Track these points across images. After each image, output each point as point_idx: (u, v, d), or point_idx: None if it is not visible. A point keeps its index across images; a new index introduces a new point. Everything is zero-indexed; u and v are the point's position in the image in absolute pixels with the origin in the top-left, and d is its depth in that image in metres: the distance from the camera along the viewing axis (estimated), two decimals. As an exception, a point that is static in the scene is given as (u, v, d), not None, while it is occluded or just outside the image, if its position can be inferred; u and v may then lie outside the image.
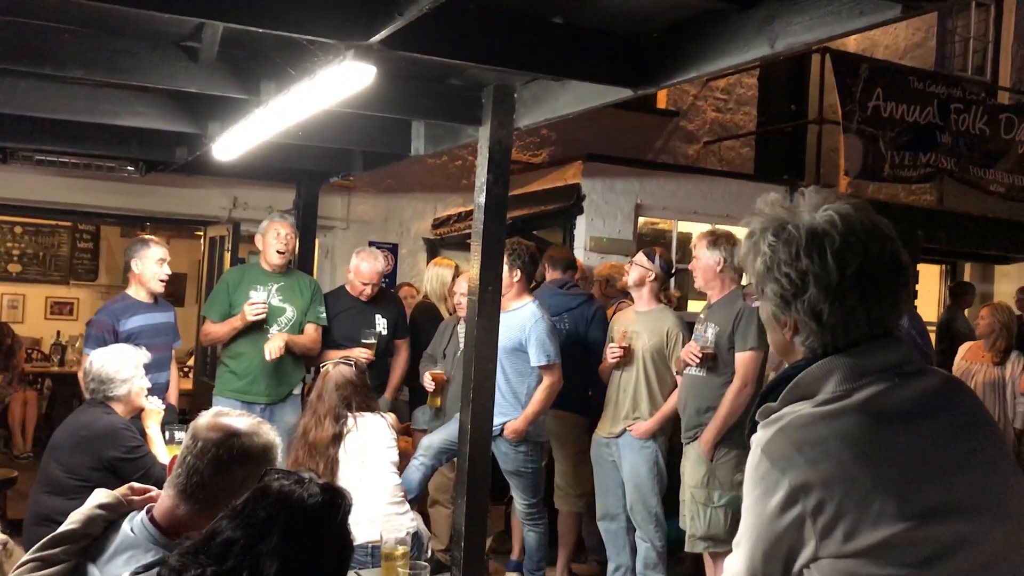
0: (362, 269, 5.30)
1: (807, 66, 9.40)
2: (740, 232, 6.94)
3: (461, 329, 5.23)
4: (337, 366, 4.12)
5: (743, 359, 4.22)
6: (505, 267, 4.39)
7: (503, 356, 4.36)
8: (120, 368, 3.70)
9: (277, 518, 1.53)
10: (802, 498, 1.36)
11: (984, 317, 6.24)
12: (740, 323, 4.24)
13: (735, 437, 4.24)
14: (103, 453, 3.46)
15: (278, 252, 5.20)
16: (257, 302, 4.99)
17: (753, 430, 1.49)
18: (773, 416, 1.46)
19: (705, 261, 4.38)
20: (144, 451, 3.60)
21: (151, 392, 3.96)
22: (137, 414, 3.88)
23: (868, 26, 2.75)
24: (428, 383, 5.12)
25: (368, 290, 5.31)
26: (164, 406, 4.07)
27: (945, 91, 8.29)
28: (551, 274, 5.46)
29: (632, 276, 4.76)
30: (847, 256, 1.44)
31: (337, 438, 3.90)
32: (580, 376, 5.03)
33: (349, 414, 3.97)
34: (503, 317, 4.17)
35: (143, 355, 3.88)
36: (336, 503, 1.60)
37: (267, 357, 4.93)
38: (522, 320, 4.59)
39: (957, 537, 1.37)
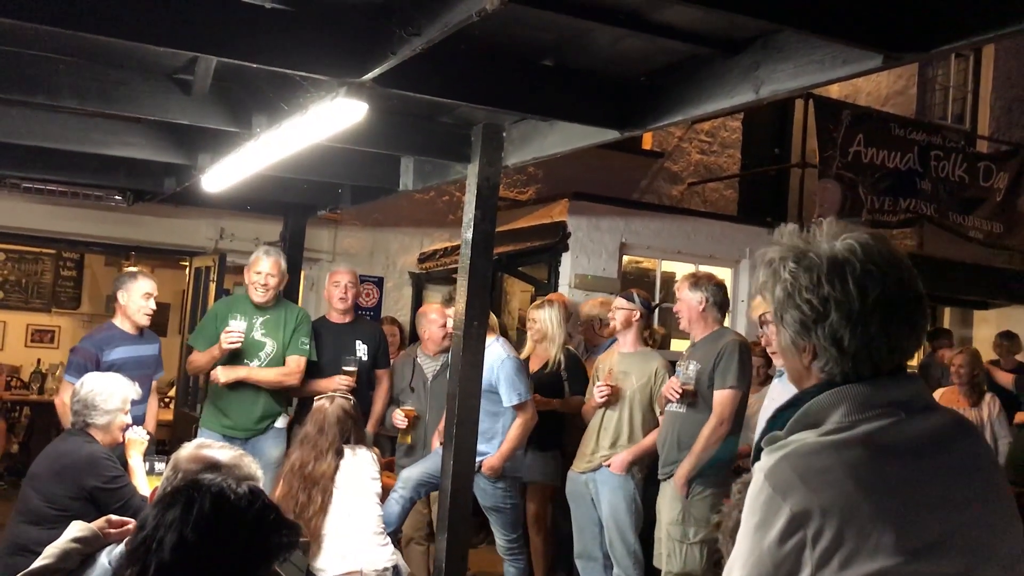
0: (337, 279, 5.37)
1: (791, 111, 9.53)
2: (723, 273, 6.96)
3: (421, 360, 5.37)
4: (335, 400, 4.11)
5: (721, 397, 4.26)
6: None
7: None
8: (108, 397, 3.67)
9: (183, 491, 1.64)
10: (803, 525, 1.35)
11: (960, 364, 6.32)
12: (721, 361, 4.28)
13: (711, 474, 4.25)
14: (83, 482, 3.42)
15: (259, 287, 5.08)
16: (233, 330, 4.89)
17: (757, 457, 1.49)
18: (778, 444, 1.46)
19: (688, 301, 4.44)
20: (124, 481, 3.56)
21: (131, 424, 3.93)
22: (119, 444, 3.85)
23: (850, 75, 2.83)
24: (400, 420, 5.14)
25: (343, 303, 5.33)
26: (148, 436, 4.04)
27: (925, 138, 8.41)
28: None
29: (618, 319, 4.81)
30: (868, 283, 1.45)
31: (336, 471, 3.91)
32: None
33: (347, 448, 3.99)
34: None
35: (134, 390, 3.86)
36: (255, 500, 1.69)
37: (216, 375, 4.92)
38: (489, 361, 4.52)
39: None
